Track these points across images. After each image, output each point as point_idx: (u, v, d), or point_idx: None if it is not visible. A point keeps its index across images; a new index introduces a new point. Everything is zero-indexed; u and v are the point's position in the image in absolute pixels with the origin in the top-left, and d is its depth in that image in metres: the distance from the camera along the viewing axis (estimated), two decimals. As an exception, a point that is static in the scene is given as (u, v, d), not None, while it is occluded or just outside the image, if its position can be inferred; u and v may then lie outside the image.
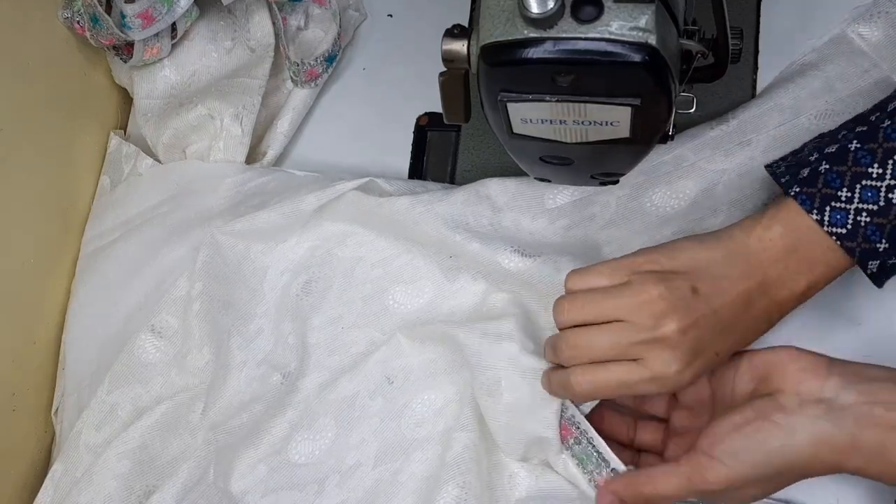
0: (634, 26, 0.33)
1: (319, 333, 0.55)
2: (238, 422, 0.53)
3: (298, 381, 0.54)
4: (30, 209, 0.59)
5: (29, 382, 0.59)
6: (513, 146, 0.44)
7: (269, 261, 0.58)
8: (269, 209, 0.57)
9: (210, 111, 0.62)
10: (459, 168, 0.60)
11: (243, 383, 0.55)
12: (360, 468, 0.51)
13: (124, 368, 0.56)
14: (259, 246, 0.58)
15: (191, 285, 0.56)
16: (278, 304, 0.57)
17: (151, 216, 0.61)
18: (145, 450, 0.54)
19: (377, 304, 0.55)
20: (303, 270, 0.57)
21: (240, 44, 0.60)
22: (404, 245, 0.55)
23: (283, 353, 0.55)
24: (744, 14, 0.58)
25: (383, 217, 0.56)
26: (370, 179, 0.57)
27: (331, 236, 0.57)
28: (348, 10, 0.65)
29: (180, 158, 0.63)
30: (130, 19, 0.56)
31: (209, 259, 0.57)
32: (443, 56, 0.38)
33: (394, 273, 0.55)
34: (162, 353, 0.57)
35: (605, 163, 0.48)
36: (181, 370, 0.56)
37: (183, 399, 0.55)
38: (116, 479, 0.53)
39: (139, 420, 0.54)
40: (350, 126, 0.64)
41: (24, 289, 0.59)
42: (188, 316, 0.56)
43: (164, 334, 0.57)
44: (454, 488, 0.47)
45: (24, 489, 0.58)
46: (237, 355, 0.56)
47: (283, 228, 0.57)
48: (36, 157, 0.59)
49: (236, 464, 0.52)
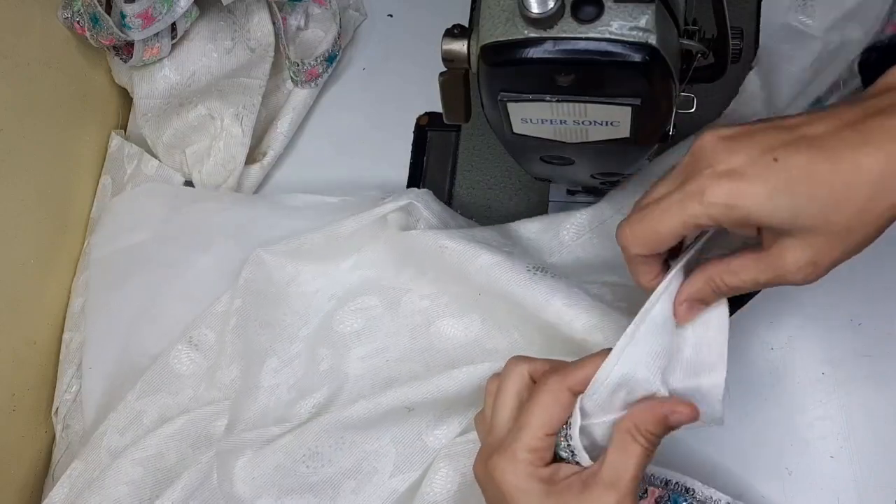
0: (634, 26, 0.33)
1: (363, 364, 0.54)
2: (251, 435, 0.52)
3: (329, 409, 0.52)
4: (30, 209, 0.59)
5: (29, 382, 0.59)
6: (513, 146, 0.44)
7: (318, 284, 0.57)
8: (313, 232, 0.56)
9: (210, 111, 0.62)
10: (459, 169, 0.60)
11: (271, 405, 0.54)
12: (376, 474, 0.50)
13: (157, 376, 0.56)
14: (310, 268, 0.57)
15: (231, 301, 0.56)
16: (319, 330, 0.56)
17: (168, 225, 0.60)
18: (161, 459, 0.53)
19: (424, 339, 0.53)
20: (350, 298, 0.56)
21: (240, 44, 0.60)
22: (449, 284, 0.53)
23: (313, 379, 0.54)
24: (744, 14, 0.58)
25: (430, 255, 0.53)
26: (410, 203, 0.55)
27: (384, 266, 0.56)
28: (348, 10, 0.65)
29: (180, 158, 0.63)
30: (130, 19, 0.56)
31: (252, 277, 0.56)
32: (443, 56, 0.38)
33: (443, 305, 0.54)
34: (196, 366, 0.56)
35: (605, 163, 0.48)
36: (210, 385, 0.56)
37: (205, 413, 0.54)
38: (128, 485, 0.52)
39: (160, 428, 0.54)
40: (350, 126, 0.64)
41: (24, 289, 0.59)
42: (224, 331, 0.56)
43: (201, 347, 0.56)
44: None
45: (24, 489, 0.58)
46: (270, 377, 0.55)
47: (331, 251, 0.56)
48: (36, 157, 0.59)
49: (243, 465, 0.51)
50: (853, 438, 0.49)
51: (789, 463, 0.49)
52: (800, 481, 0.48)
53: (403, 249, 0.55)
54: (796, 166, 0.31)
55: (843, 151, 0.30)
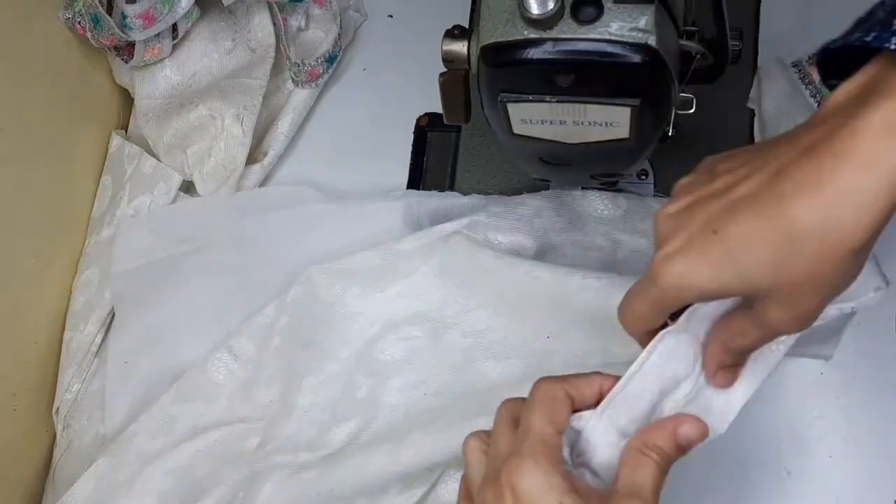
0: (634, 27, 0.33)
1: (399, 395, 0.53)
2: (281, 459, 0.52)
3: (359, 438, 0.52)
4: (30, 209, 0.59)
5: (30, 382, 0.59)
6: (513, 146, 0.44)
7: (363, 307, 0.56)
8: (368, 250, 0.55)
9: (211, 111, 0.63)
10: (459, 169, 0.60)
11: (305, 426, 0.53)
12: (385, 494, 0.50)
13: (192, 383, 0.56)
14: (356, 290, 0.56)
15: (276, 317, 0.55)
16: (359, 354, 0.55)
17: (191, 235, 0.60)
18: (191, 471, 0.53)
19: (464, 378, 0.52)
20: (393, 327, 0.55)
21: (240, 44, 0.60)
22: (503, 320, 0.53)
23: (350, 406, 0.54)
24: (744, 14, 0.58)
25: (488, 279, 0.53)
26: (472, 220, 0.54)
27: (431, 296, 0.55)
28: (349, 11, 0.65)
29: (181, 158, 0.63)
30: (131, 20, 0.56)
31: (301, 295, 0.55)
32: (443, 56, 0.38)
33: (485, 346, 0.53)
34: (233, 377, 0.56)
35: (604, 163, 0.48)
36: (245, 399, 0.55)
37: (240, 430, 0.54)
38: (157, 496, 0.52)
39: (193, 440, 0.54)
40: (350, 126, 0.64)
41: (25, 289, 0.59)
42: (266, 348, 0.55)
43: (241, 358, 0.56)
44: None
45: (24, 488, 0.58)
46: (307, 396, 0.54)
47: (383, 274, 0.55)
48: (36, 157, 0.60)
49: (264, 484, 0.51)
50: (852, 438, 0.49)
51: (788, 463, 0.49)
52: (799, 481, 0.48)
53: (470, 273, 0.54)
54: (733, 236, 0.30)
55: (777, 206, 0.29)
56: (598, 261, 0.54)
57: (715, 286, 0.30)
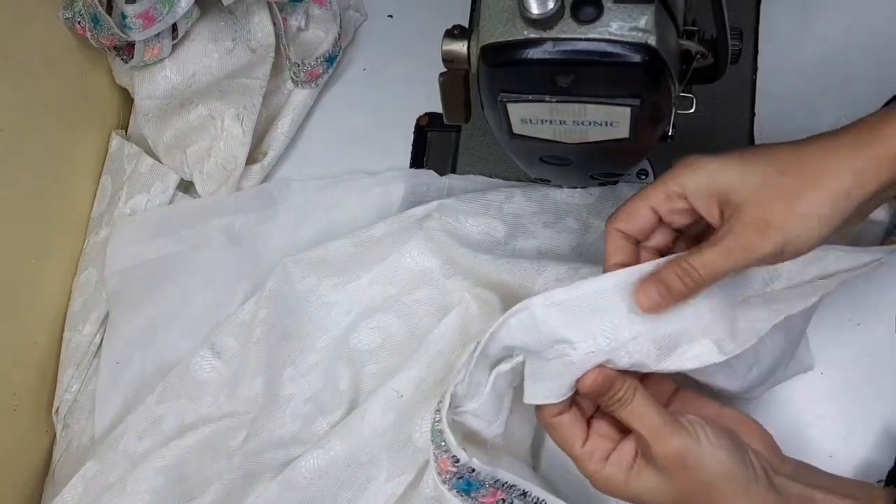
0: (634, 27, 0.33)
1: (373, 381, 0.54)
2: (272, 456, 0.52)
3: (341, 425, 0.53)
4: (30, 209, 0.59)
5: (29, 382, 0.59)
6: (513, 146, 0.44)
7: (337, 297, 0.57)
8: (341, 238, 0.56)
9: (211, 111, 0.63)
10: (459, 169, 0.60)
11: (287, 418, 0.54)
12: (371, 482, 0.50)
13: (177, 382, 0.56)
14: (331, 280, 0.57)
15: (256, 311, 0.56)
16: (337, 343, 0.56)
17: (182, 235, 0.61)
18: (181, 468, 0.53)
19: (437, 364, 0.52)
20: (368, 315, 0.56)
21: (240, 44, 0.60)
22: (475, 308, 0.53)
23: (332, 398, 0.54)
24: (744, 14, 0.58)
25: (458, 269, 0.54)
26: (440, 203, 0.55)
27: (403, 281, 0.56)
28: (348, 11, 0.65)
29: (181, 158, 0.63)
30: (131, 20, 0.56)
31: (277, 287, 0.56)
32: (443, 56, 0.38)
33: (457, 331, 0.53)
34: (217, 374, 0.56)
35: (604, 163, 0.48)
36: (231, 395, 0.55)
37: (227, 425, 0.54)
38: (150, 494, 0.52)
39: (181, 438, 0.54)
40: (350, 126, 0.64)
41: (25, 288, 0.59)
42: (248, 342, 0.56)
43: (223, 355, 0.56)
44: None
45: (24, 488, 0.58)
46: (287, 387, 0.55)
47: (356, 262, 0.56)
48: (36, 157, 0.60)
49: (253, 486, 0.52)
50: (853, 438, 0.49)
51: (789, 463, 0.49)
52: (799, 481, 0.48)
53: (446, 258, 0.55)
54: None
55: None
56: (567, 243, 0.55)
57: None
